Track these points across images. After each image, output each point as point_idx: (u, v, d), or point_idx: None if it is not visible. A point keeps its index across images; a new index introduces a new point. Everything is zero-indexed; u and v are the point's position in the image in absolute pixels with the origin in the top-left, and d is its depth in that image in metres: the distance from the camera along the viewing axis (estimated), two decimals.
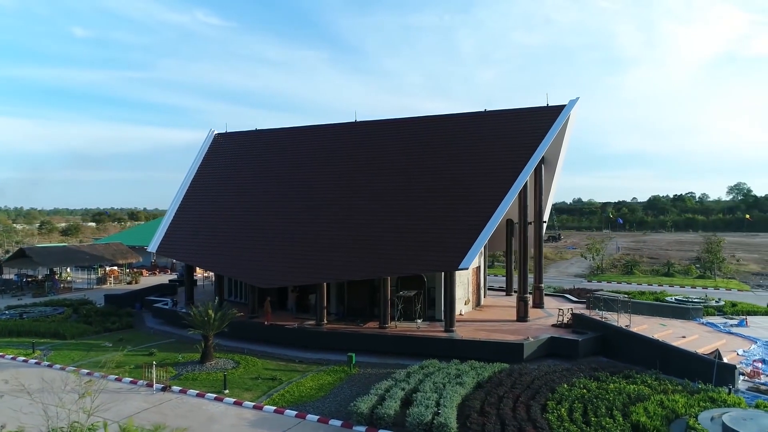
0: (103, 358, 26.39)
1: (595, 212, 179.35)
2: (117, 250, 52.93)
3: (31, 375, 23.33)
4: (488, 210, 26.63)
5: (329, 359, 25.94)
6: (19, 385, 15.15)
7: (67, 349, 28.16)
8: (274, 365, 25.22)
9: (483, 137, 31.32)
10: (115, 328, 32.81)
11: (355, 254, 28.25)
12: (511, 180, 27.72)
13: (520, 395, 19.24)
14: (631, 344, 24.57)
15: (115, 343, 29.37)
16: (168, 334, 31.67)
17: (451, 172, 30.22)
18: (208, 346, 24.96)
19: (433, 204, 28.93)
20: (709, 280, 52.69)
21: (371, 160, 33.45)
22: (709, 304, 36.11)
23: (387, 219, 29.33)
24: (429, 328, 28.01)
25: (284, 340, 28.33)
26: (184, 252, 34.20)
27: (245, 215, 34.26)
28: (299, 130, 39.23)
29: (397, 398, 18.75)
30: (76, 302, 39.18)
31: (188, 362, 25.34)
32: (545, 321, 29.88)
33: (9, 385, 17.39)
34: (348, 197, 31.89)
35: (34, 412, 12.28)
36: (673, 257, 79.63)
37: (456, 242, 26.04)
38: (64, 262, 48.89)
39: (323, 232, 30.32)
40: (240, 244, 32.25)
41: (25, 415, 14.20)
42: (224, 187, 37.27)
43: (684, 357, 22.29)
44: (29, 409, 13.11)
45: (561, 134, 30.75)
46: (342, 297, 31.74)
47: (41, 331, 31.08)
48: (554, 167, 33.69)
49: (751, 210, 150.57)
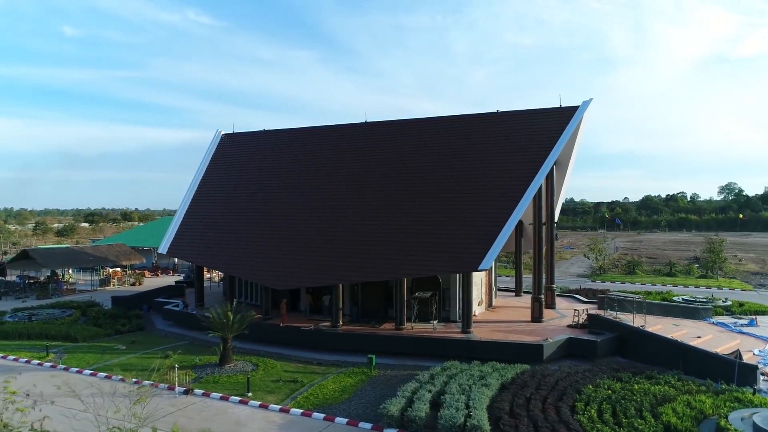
0: (116, 360, 26.25)
1: (589, 212, 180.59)
2: (120, 251, 52.53)
3: (48, 379, 23.12)
4: (506, 211, 26.68)
5: (347, 361, 25.88)
6: (71, 391, 15.02)
7: (80, 352, 27.90)
8: (293, 367, 25.13)
9: (497, 138, 31.38)
10: (126, 330, 32.55)
11: (371, 256, 28.21)
12: (527, 181, 27.79)
13: (547, 396, 19.31)
14: (650, 345, 24.71)
15: (128, 346, 29.20)
16: (180, 337, 31.46)
17: (465, 173, 30.25)
18: (227, 349, 24.82)
19: (449, 205, 28.95)
20: (711, 279, 53.15)
21: (384, 161, 33.42)
22: (716, 304, 36.40)
23: (402, 220, 29.32)
24: (445, 329, 28.03)
25: (300, 341, 28.23)
26: (196, 253, 33.98)
27: (257, 216, 34.11)
28: (308, 130, 39.11)
29: (426, 400, 18.74)
30: (83, 304, 38.83)
31: (206, 365, 25.18)
32: (559, 322, 30.00)
33: (61, 391, 17.30)
34: (362, 198, 31.85)
35: (85, 419, 12.10)
36: (671, 257, 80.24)
37: (474, 243, 26.07)
38: (67, 264, 48.47)
39: (339, 233, 30.26)
40: (253, 245, 32.11)
41: (78, 421, 14.09)
42: (234, 188, 37.10)
43: (704, 357, 22.45)
44: (83, 416, 12.96)
45: (573, 135, 30.88)
46: (356, 298, 31.69)
47: (52, 333, 30.77)
48: (565, 168, 33.84)
49: (743, 210, 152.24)
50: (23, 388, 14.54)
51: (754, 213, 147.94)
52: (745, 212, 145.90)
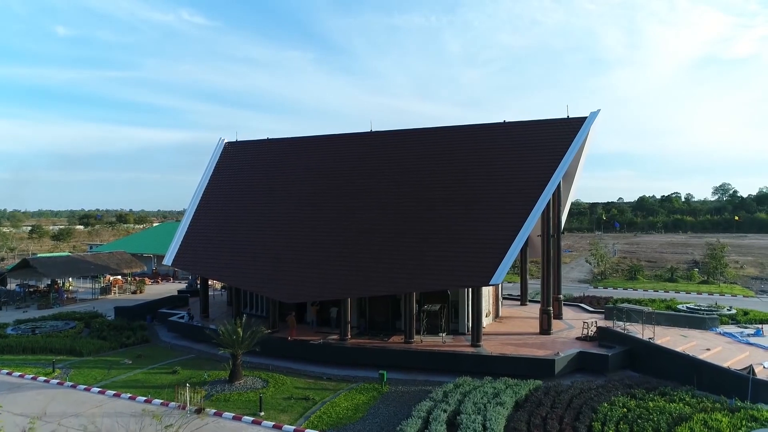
0: (124, 376, 25.99)
1: (584, 213, 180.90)
2: (122, 259, 52.14)
3: (62, 399, 22.89)
4: (516, 224, 26.63)
5: (356, 376, 25.77)
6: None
7: (87, 368, 27.62)
8: (303, 383, 24.96)
9: (505, 150, 31.33)
10: (131, 343, 32.27)
11: (380, 269, 28.07)
12: (537, 194, 27.74)
13: (563, 416, 19.24)
14: (661, 359, 24.70)
15: (135, 360, 28.95)
16: (187, 350, 31.22)
17: (473, 186, 30.18)
18: (236, 365, 24.62)
19: (458, 218, 28.85)
20: (713, 285, 53.33)
21: (392, 173, 33.26)
22: (721, 312, 36.47)
23: (412, 233, 29.19)
24: (455, 343, 27.95)
25: (308, 355, 28.07)
26: (202, 265, 33.72)
27: (263, 228, 33.88)
28: (312, 139, 38.94)
29: (442, 421, 18.65)
30: (86, 315, 38.46)
31: (216, 381, 24.97)
32: (568, 333, 29.96)
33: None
34: (369, 210, 31.68)
35: None
36: (669, 260, 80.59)
37: (485, 257, 26.00)
38: (68, 273, 48.03)
39: (347, 245, 30.09)
40: (259, 257, 31.89)
41: None
42: (239, 198, 36.86)
43: (717, 372, 22.45)
44: None
45: (581, 148, 30.86)
46: (363, 310, 31.54)
47: (56, 347, 30.43)
48: (572, 179, 33.84)
49: (738, 211, 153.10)
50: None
51: (748, 214, 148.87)
52: (740, 213, 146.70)
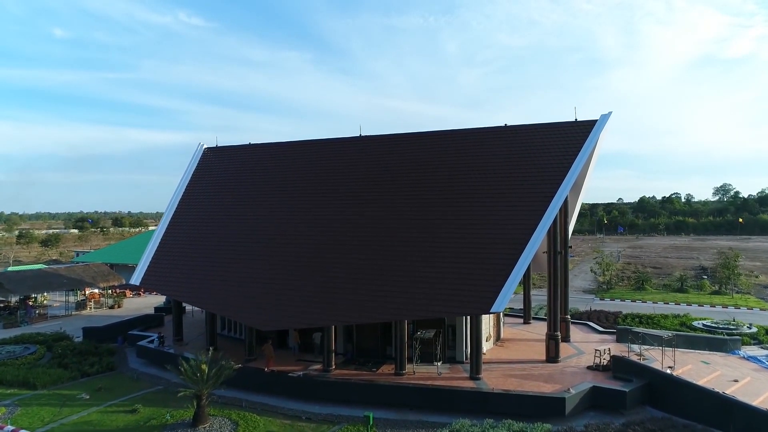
0: (75, 416, 22.86)
1: (584, 214, 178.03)
2: (98, 271, 48.93)
3: None
4: (519, 244, 23.59)
5: (340, 414, 22.71)
6: None
7: (37, 404, 24.47)
8: (278, 425, 21.87)
9: (508, 159, 28.38)
10: (94, 372, 29.14)
11: (370, 294, 24.91)
12: (541, 209, 24.74)
13: None
14: (686, 395, 21.65)
15: (93, 394, 25.83)
16: (155, 380, 28.13)
17: (473, 199, 27.18)
18: (201, 407, 21.49)
19: (457, 238, 25.80)
20: (725, 296, 50.37)
21: (383, 182, 30.24)
22: (742, 331, 33.58)
23: (405, 253, 26.12)
24: (452, 374, 24.89)
25: (287, 390, 24.95)
26: (172, 286, 30.45)
27: (239, 245, 30.76)
28: (298, 144, 35.93)
29: None
30: (50, 338, 35.23)
31: (179, 423, 21.88)
32: (577, 361, 26.92)
33: None
34: (359, 227, 28.61)
35: None
36: (675, 266, 77.70)
37: (485, 282, 22.93)
38: (39, 288, 44.76)
39: (333, 267, 26.97)
40: (234, 277, 28.75)
41: None
42: (215, 210, 33.74)
43: (756, 416, 19.41)
44: None
45: (590, 155, 27.88)
46: (350, 335, 28.45)
47: (8, 379, 27.26)
48: (580, 188, 30.85)
49: (740, 212, 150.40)
50: None
51: (751, 216, 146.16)
52: (743, 215, 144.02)
